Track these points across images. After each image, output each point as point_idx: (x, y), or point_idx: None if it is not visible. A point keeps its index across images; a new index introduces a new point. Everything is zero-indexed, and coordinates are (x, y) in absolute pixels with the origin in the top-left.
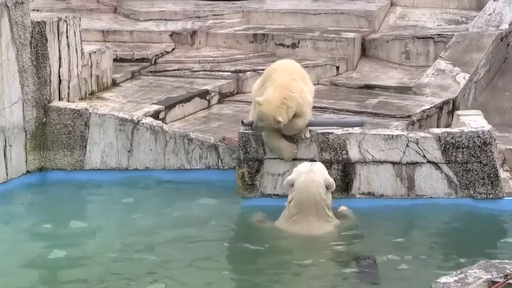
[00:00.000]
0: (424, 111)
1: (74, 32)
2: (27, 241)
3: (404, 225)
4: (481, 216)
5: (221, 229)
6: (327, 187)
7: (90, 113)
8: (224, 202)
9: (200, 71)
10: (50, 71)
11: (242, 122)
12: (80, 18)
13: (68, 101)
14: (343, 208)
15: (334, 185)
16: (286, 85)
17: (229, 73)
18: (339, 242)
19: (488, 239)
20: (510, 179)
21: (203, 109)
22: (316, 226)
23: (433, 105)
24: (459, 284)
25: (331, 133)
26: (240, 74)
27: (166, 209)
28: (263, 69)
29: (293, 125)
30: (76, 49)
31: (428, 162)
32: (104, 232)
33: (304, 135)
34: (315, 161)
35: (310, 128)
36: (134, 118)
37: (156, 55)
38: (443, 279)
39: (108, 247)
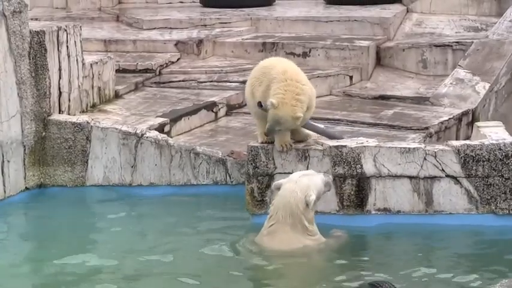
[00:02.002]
0: (442, 122)
1: (75, 42)
2: (27, 261)
3: (422, 242)
4: (504, 233)
5: (229, 248)
6: (306, 204)
7: (91, 126)
8: (233, 219)
9: (207, 81)
10: (50, 83)
11: (259, 104)
12: (80, 27)
13: (69, 114)
14: (335, 230)
15: (312, 204)
16: (295, 79)
17: (237, 84)
18: (351, 259)
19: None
20: None
21: (210, 122)
22: (292, 238)
23: (451, 116)
24: None
25: (345, 146)
26: None
27: (171, 227)
28: None
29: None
30: (77, 59)
31: (447, 176)
32: (106, 252)
33: (308, 137)
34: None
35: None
36: (138, 132)
37: (161, 65)
38: None
39: (111, 267)
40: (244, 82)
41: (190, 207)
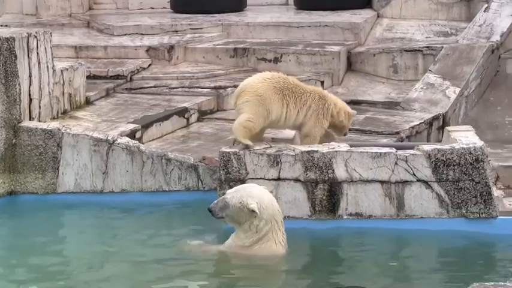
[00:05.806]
0: (413, 127)
1: (45, 48)
2: None
3: (394, 247)
4: (474, 237)
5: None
6: None
7: (62, 133)
8: (205, 225)
9: (178, 87)
10: (20, 90)
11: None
12: (51, 33)
13: (39, 121)
14: None
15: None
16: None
17: (208, 90)
18: (322, 268)
19: (482, 261)
20: (504, 197)
21: (182, 128)
22: (277, 244)
23: (422, 121)
24: None
25: (316, 151)
26: (220, 91)
27: (143, 234)
28: None
29: None
30: (47, 66)
31: (418, 180)
32: (78, 259)
33: None
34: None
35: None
36: (109, 138)
37: (132, 71)
38: None
39: (83, 275)
40: (215, 88)
41: (162, 214)
